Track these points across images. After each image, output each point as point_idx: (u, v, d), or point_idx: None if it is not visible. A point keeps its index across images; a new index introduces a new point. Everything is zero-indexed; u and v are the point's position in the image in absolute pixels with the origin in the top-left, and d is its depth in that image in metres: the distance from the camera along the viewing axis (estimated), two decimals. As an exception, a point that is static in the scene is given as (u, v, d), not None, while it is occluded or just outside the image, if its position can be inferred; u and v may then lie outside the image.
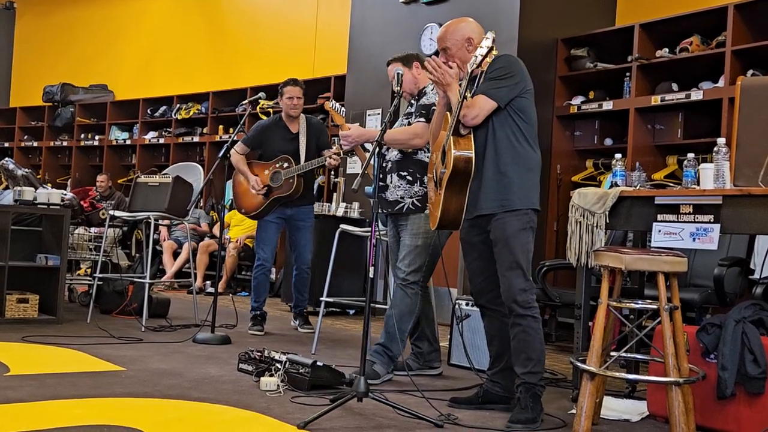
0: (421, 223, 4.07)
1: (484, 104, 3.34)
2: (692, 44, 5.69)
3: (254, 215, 5.65)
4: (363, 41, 7.75)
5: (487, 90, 3.36)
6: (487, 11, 6.54)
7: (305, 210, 5.70)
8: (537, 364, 3.33)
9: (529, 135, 3.42)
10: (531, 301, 3.35)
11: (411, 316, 4.06)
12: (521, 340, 3.35)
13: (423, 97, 4.19)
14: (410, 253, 4.08)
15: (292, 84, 5.63)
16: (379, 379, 3.96)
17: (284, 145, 5.60)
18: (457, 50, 3.51)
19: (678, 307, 3.11)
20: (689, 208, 3.29)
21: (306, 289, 5.78)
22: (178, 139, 10.45)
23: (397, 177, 4.15)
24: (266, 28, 10.29)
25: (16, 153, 12.50)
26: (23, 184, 5.97)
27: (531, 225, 3.39)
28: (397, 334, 3.98)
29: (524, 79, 3.43)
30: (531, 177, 3.41)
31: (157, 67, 11.68)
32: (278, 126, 5.68)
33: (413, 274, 4.07)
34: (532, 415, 3.28)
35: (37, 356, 4.28)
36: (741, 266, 4.42)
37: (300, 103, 5.64)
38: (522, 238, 3.35)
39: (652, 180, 5.46)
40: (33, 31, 13.60)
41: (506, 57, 3.49)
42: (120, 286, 6.00)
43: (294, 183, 5.50)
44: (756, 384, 3.10)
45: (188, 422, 3.10)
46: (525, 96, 3.41)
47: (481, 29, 3.56)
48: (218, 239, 6.03)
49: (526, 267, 3.35)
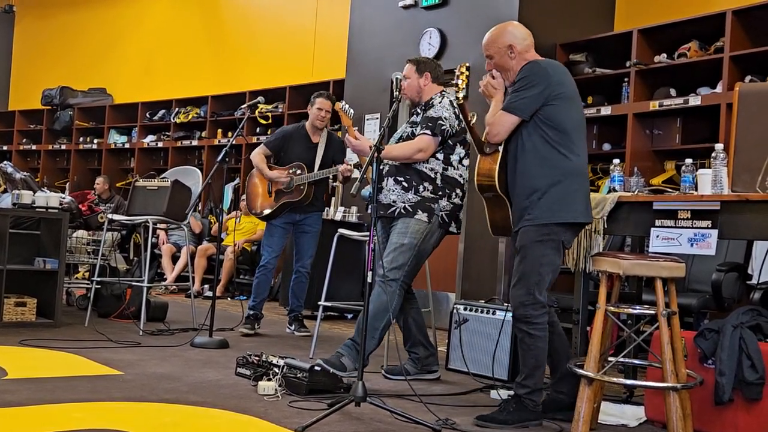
0: (410, 224, 4.08)
1: (505, 120, 3.31)
2: (690, 50, 5.70)
3: (264, 216, 5.71)
4: (362, 45, 7.76)
5: (509, 104, 3.33)
6: (485, 16, 6.55)
7: (314, 216, 5.77)
8: (528, 378, 3.34)
9: (560, 143, 3.31)
10: (530, 317, 3.31)
11: (385, 313, 4.01)
12: (519, 349, 3.38)
13: (431, 109, 4.18)
14: (394, 251, 4.07)
15: (325, 97, 5.73)
16: (345, 372, 3.95)
17: (303, 154, 5.67)
18: (499, 58, 3.47)
19: (676, 312, 3.12)
20: (687, 213, 3.29)
21: (303, 294, 5.80)
22: (176, 143, 10.45)
23: (393, 181, 4.16)
24: (265, 31, 10.30)
25: (15, 156, 12.49)
26: (22, 187, 5.97)
27: (551, 237, 3.30)
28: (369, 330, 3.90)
29: (549, 85, 3.32)
30: (560, 188, 3.29)
31: (156, 70, 11.69)
32: (300, 134, 5.76)
33: (394, 272, 4.04)
34: (506, 417, 3.30)
35: (34, 360, 4.27)
36: (739, 272, 4.42)
37: (328, 117, 5.73)
38: (535, 251, 3.30)
39: (650, 185, 5.49)
40: (32, 35, 13.61)
41: (529, 65, 3.40)
42: (118, 290, 6.00)
43: (305, 190, 5.57)
44: (754, 390, 3.10)
45: (186, 426, 3.10)
46: (553, 103, 3.32)
47: (524, 33, 3.49)
48: (217, 243, 6.04)
49: (534, 281, 3.30)
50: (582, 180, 3.37)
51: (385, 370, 4.32)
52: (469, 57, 6.62)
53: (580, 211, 3.33)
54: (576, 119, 3.39)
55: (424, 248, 4.10)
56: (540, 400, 3.40)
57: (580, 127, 3.41)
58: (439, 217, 4.09)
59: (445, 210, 4.11)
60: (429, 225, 4.08)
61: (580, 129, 3.40)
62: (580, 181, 3.35)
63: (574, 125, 3.36)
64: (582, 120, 3.44)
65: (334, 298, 5.73)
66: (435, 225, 4.09)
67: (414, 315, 4.33)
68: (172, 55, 11.51)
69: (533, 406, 3.35)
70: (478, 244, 6.42)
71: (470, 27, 6.66)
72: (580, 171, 3.36)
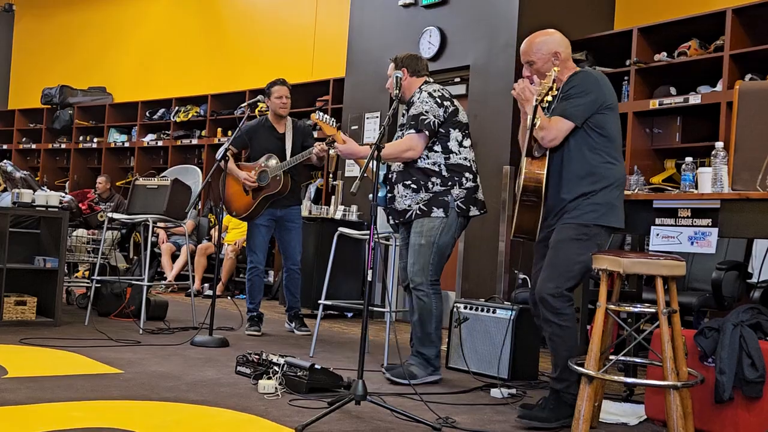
0: (425, 223, 4.11)
1: (561, 125, 3.31)
2: (690, 48, 5.70)
3: (245, 216, 5.66)
4: (362, 44, 7.75)
5: (564, 110, 3.33)
6: (485, 15, 6.55)
7: (295, 211, 5.74)
8: (563, 371, 3.30)
9: (606, 151, 3.36)
10: (558, 308, 3.29)
11: (431, 316, 4.13)
12: (550, 346, 3.35)
13: (411, 108, 4.21)
14: (414, 254, 4.14)
15: (280, 84, 5.69)
16: (417, 379, 4.06)
17: (271, 145, 5.64)
18: (543, 64, 3.46)
19: (677, 310, 3.12)
20: (687, 212, 3.29)
21: (298, 289, 5.78)
22: (176, 142, 10.45)
23: (402, 187, 4.19)
24: (265, 30, 10.30)
25: (15, 155, 12.49)
26: (21, 186, 5.97)
27: (588, 237, 3.30)
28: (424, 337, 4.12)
29: (603, 94, 3.36)
30: (605, 193, 3.33)
31: (155, 69, 11.68)
32: (264, 126, 5.73)
33: (419, 275, 4.11)
34: (548, 415, 3.29)
35: (35, 359, 4.27)
36: (739, 270, 4.42)
37: (288, 102, 5.70)
38: (572, 247, 3.31)
39: (651, 184, 5.49)
40: (32, 34, 13.60)
41: (582, 74, 3.43)
42: (118, 289, 6.00)
43: (281, 180, 5.53)
44: (754, 388, 3.10)
45: (186, 425, 3.10)
46: (604, 112, 3.36)
47: (567, 42, 3.51)
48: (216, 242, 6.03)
49: (565, 276, 3.29)
50: (623, 188, 3.42)
51: (385, 368, 4.32)
52: (469, 56, 6.63)
53: (620, 217, 3.37)
54: (617, 129, 3.43)
55: (444, 242, 4.12)
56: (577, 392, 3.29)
57: (620, 136, 3.46)
58: (455, 207, 4.11)
59: (459, 198, 4.13)
60: (446, 219, 4.10)
61: (619, 138, 3.45)
62: (622, 189, 3.40)
63: (617, 134, 3.41)
64: (620, 130, 3.48)
65: (334, 296, 5.74)
66: (452, 217, 4.11)
67: None
68: (171, 54, 11.50)
69: (572, 400, 3.28)
70: (478, 243, 6.42)
71: (470, 26, 6.66)
72: (623, 179, 3.41)
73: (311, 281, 5.89)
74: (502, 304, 4.50)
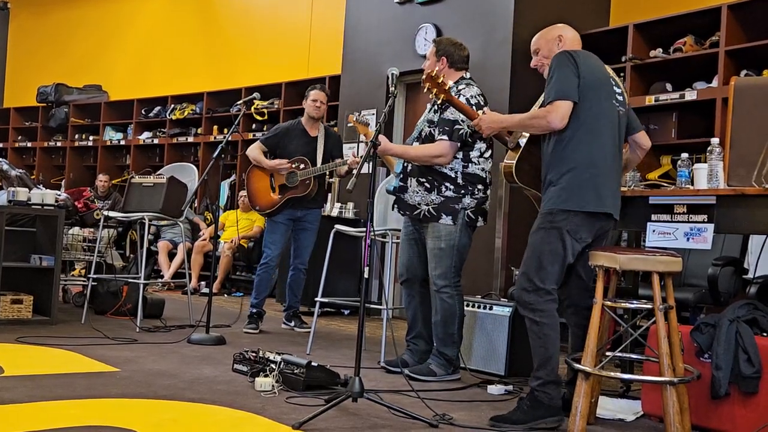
0: (440, 228, 4.12)
1: (560, 106, 3.21)
2: (686, 44, 5.70)
3: (267, 213, 5.72)
4: (358, 41, 7.74)
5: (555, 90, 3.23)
6: (481, 12, 6.55)
7: (315, 213, 5.80)
8: (539, 368, 3.27)
9: (577, 133, 3.22)
10: (532, 303, 3.25)
11: (454, 317, 4.16)
12: (530, 341, 3.34)
13: (447, 111, 4.11)
14: (435, 257, 4.15)
15: (319, 88, 5.80)
16: (435, 376, 4.11)
17: (302, 148, 5.68)
18: (546, 48, 3.47)
19: (673, 306, 3.12)
20: (683, 208, 3.30)
21: (300, 290, 5.82)
22: (172, 140, 10.44)
23: (416, 182, 4.18)
24: (261, 28, 10.28)
25: (10, 153, 12.46)
26: (17, 184, 5.97)
27: (552, 225, 3.23)
28: (446, 338, 4.16)
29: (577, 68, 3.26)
30: (570, 177, 3.22)
31: (151, 67, 11.66)
32: (297, 129, 5.78)
33: (442, 278, 4.13)
34: (519, 416, 3.24)
35: (31, 357, 4.27)
36: (735, 266, 4.43)
37: (324, 107, 5.78)
38: (536, 237, 3.30)
39: (646, 180, 5.47)
40: (27, 32, 13.57)
41: (555, 56, 3.35)
42: (114, 287, 5.99)
43: (310, 184, 5.59)
44: (750, 383, 3.11)
45: (183, 423, 3.09)
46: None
47: (576, 34, 3.53)
48: (213, 239, 6.02)
49: (534, 267, 3.26)
50: (599, 169, 3.24)
51: (384, 362, 4.34)
52: (465, 52, 6.62)
53: (587, 200, 3.22)
54: (597, 108, 3.27)
55: (463, 243, 4.16)
56: (556, 393, 3.27)
57: (602, 116, 3.28)
58: (464, 216, 4.11)
59: (470, 207, 4.13)
60: (455, 227, 4.11)
61: (600, 118, 3.27)
62: (596, 171, 3.23)
63: (591, 113, 3.25)
64: (608, 110, 3.31)
65: (331, 294, 5.74)
66: (460, 225, 4.12)
67: (424, 309, 4.35)
68: (167, 51, 11.48)
69: (548, 399, 3.24)
70: (475, 240, 6.40)
71: (466, 22, 6.65)
72: (593, 161, 3.23)
73: (308, 279, 5.90)
74: (499, 301, 4.51)
